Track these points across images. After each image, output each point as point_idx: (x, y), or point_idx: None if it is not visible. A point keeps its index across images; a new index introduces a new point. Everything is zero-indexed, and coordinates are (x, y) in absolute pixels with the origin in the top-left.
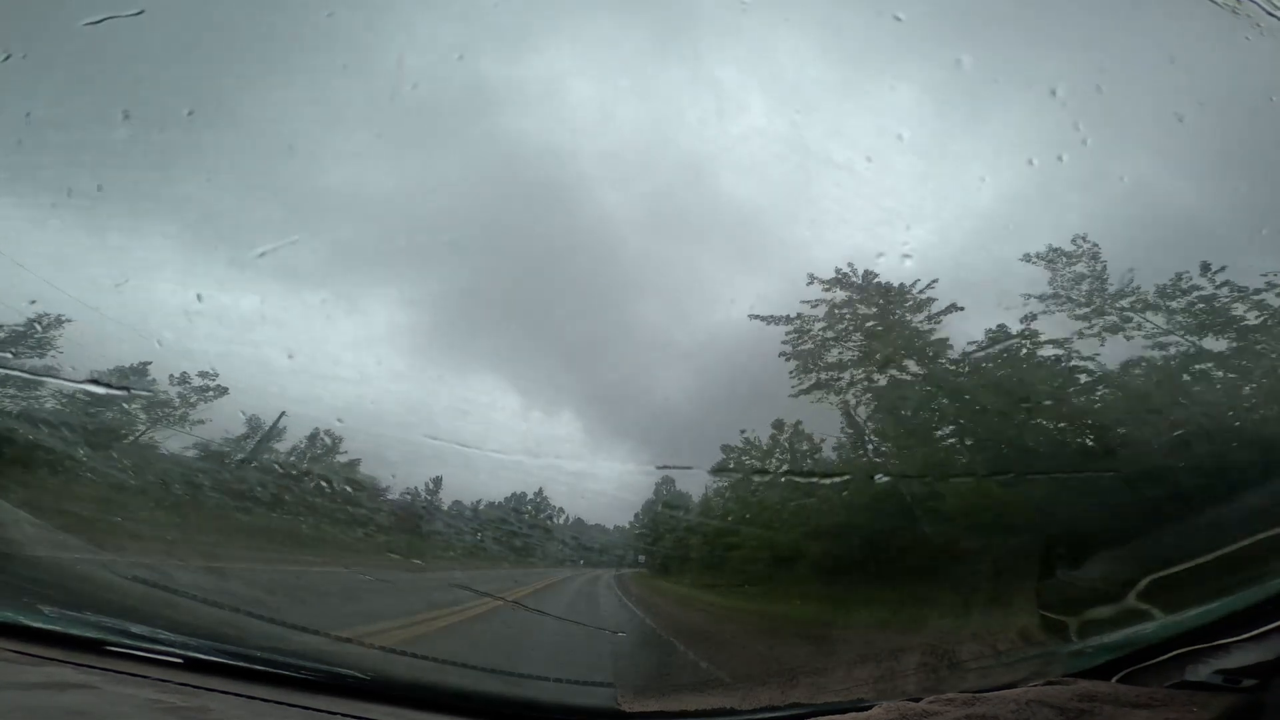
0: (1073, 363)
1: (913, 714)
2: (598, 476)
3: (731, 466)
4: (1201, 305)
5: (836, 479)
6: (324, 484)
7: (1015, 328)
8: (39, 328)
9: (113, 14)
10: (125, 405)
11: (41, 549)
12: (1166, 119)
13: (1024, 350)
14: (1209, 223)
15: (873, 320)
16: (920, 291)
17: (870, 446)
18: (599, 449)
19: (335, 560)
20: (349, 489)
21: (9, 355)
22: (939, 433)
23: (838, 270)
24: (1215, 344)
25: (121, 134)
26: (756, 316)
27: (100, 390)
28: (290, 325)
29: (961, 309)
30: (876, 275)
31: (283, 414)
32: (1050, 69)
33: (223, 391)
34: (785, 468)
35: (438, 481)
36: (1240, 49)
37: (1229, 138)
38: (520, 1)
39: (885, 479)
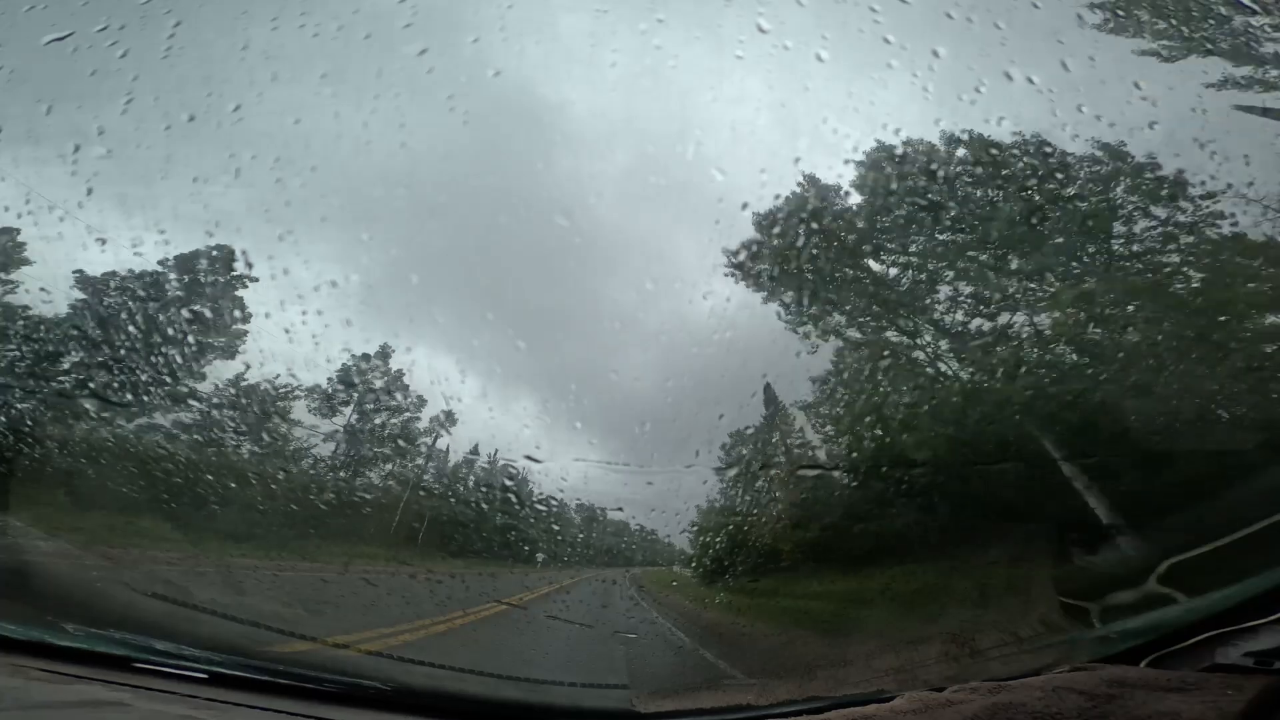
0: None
1: (936, 704)
2: (602, 477)
3: (736, 462)
4: None
5: (844, 471)
6: (334, 496)
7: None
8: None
9: (74, 30)
10: (128, 420)
11: (60, 566)
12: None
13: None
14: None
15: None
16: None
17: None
18: (601, 449)
19: (350, 566)
20: (360, 497)
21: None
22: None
23: None
24: None
25: (98, 149)
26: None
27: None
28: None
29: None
30: None
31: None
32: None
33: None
34: (793, 461)
35: (452, 489)
36: None
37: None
38: None
39: (894, 469)
